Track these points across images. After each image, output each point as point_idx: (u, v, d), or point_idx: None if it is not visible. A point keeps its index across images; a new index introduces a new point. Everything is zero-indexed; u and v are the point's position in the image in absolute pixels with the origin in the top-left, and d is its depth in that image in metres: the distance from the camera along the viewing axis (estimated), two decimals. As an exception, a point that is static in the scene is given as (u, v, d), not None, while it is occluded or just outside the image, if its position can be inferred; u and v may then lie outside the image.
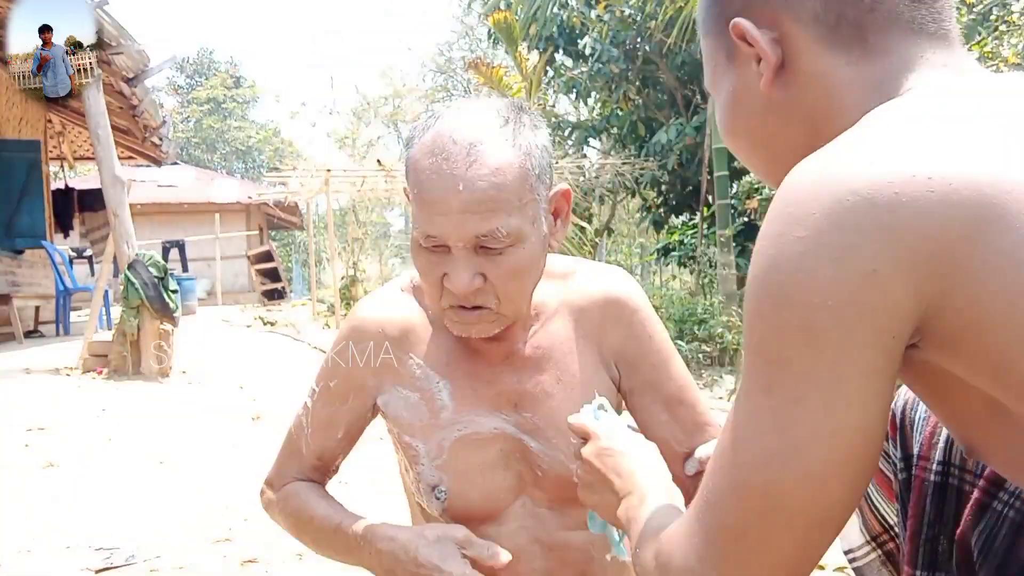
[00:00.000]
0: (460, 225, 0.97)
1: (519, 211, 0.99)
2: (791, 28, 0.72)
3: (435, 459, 1.13)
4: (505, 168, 0.98)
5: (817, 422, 0.59)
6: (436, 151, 0.98)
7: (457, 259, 0.99)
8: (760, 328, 0.62)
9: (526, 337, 1.14)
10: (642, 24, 9.94)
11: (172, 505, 3.03)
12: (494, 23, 8.18)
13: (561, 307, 1.16)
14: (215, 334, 9.69)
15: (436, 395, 1.14)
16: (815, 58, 0.72)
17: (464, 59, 18.05)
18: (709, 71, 0.83)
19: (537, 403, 1.13)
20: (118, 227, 6.16)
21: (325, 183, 11.49)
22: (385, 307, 1.18)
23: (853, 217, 0.57)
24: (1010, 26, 4.45)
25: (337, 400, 1.18)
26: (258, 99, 36.39)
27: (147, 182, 18.06)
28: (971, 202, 0.55)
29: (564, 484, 1.11)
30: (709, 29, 0.81)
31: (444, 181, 0.97)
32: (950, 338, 0.59)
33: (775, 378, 0.61)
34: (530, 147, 1.01)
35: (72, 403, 5.01)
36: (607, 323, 1.16)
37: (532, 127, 1.04)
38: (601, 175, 11.15)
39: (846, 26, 0.70)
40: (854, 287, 0.57)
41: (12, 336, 8.26)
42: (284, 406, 4.78)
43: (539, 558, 1.13)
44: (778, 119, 0.76)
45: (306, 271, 20.20)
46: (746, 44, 0.74)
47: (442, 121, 1.01)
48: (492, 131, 1.00)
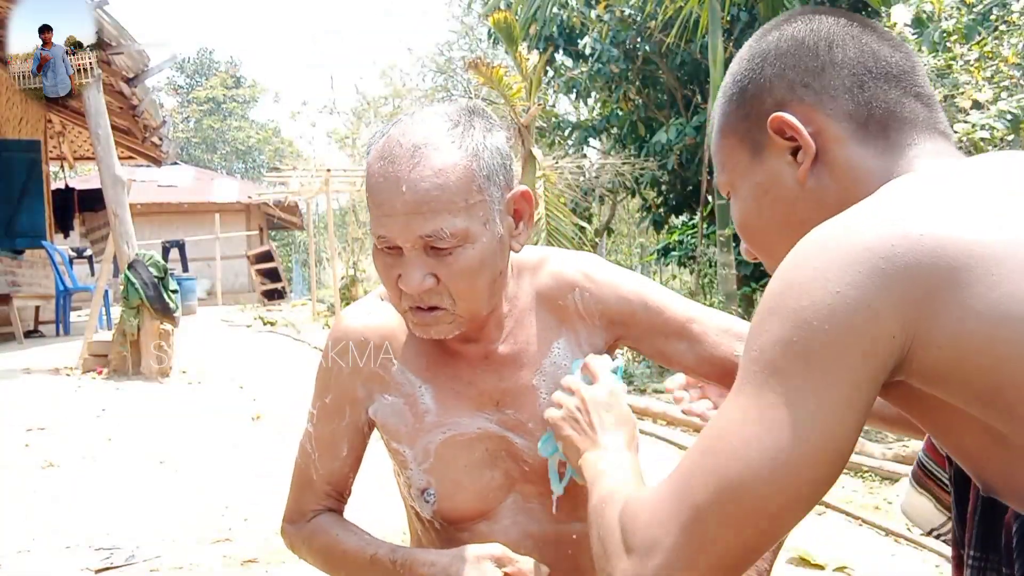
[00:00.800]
0: (405, 225, 0.99)
1: (465, 212, 1.01)
2: (825, 123, 0.82)
3: (422, 463, 1.15)
4: (448, 169, 1.00)
5: (800, 426, 0.68)
6: (384, 155, 1.02)
7: (408, 260, 1.02)
8: (763, 338, 0.70)
9: (502, 335, 1.15)
10: (642, 24, 9.94)
11: (172, 505, 3.03)
12: (494, 23, 8.16)
13: (534, 299, 1.17)
14: (215, 334, 9.70)
15: (419, 399, 1.15)
16: (847, 151, 0.82)
17: (464, 59, 18.03)
18: (728, 169, 0.91)
19: (518, 400, 1.14)
20: (118, 227, 6.16)
21: (325, 183, 11.50)
22: (365, 316, 1.20)
23: (858, 263, 0.68)
24: (1010, 26, 4.45)
25: (335, 416, 1.19)
26: (258, 99, 36.40)
27: (147, 182, 18.07)
28: (952, 254, 0.66)
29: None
30: (733, 129, 0.89)
31: (389, 183, 1.00)
32: (937, 369, 0.68)
33: (768, 383, 0.69)
34: (478, 149, 1.03)
35: (72, 403, 5.01)
36: (583, 305, 1.17)
37: (484, 129, 1.05)
38: (601, 175, 11.15)
39: (873, 124, 0.82)
40: (852, 317, 0.67)
41: (12, 336, 8.26)
42: (284, 406, 4.78)
43: (532, 552, 1.14)
44: (809, 206, 0.84)
45: (306, 271, 20.22)
46: (781, 138, 0.84)
47: (395, 127, 1.05)
48: (439, 134, 1.02)
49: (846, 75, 0.83)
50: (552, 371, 1.15)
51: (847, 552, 2.86)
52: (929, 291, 0.66)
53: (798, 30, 0.86)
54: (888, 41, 0.86)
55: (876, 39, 0.85)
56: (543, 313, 1.17)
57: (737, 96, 0.89)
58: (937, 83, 4.47)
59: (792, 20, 0.88)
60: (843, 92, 0.82)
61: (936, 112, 0.85)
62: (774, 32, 0.88)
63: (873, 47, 0.84)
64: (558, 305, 1.17)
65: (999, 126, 3.88)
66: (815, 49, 0.84)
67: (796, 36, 0.86)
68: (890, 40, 0.86)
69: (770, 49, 0.87)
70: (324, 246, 19.16)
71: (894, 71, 0.83)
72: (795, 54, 0.85)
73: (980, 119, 3.91)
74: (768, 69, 0.86)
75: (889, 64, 0.83)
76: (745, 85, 0.88)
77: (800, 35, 0.86)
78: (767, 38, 0.88)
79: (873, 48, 0.84)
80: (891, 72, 0.83)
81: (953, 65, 4.42)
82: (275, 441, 4.07)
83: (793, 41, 0.86)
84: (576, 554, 1.17)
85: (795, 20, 0.88)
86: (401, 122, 1.06)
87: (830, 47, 0.84)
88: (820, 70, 0.83)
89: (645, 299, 1.16)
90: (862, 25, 0.87)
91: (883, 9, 7.06)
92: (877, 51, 0.84)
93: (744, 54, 0.91)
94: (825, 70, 0.83)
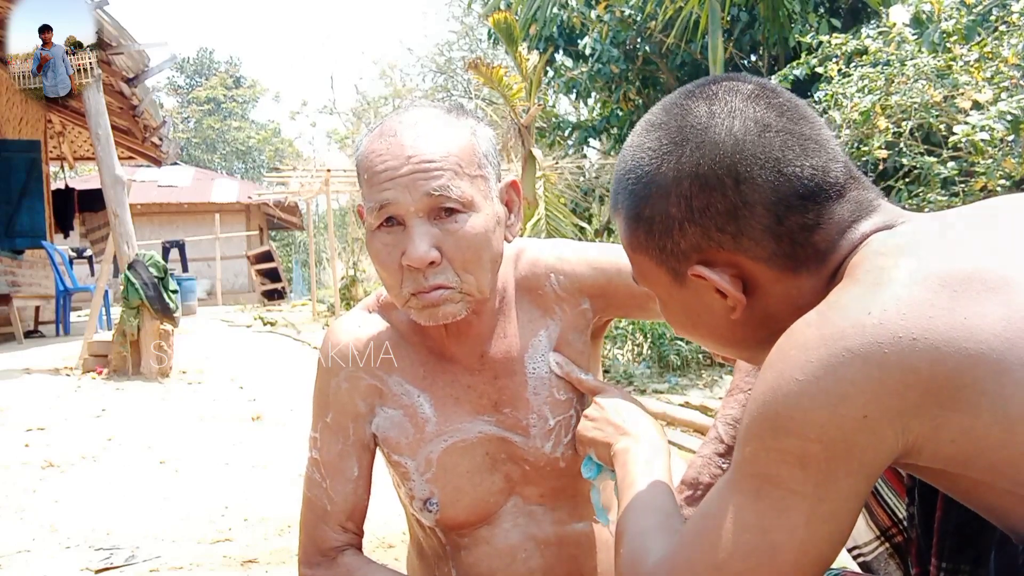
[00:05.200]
0: (411, 186, 0.98)
1: (469, 180, 1.01)
2: (751, 266, 0.78)
3: (424, 473, 1.12)
4: (452, 137, 1.02)
5: (795, 530, 0.68)
6: (384, 133, 1.03)
7: (412, 229, 0.99)
8: (755, 444, 0.69)
9: (493, 331, 1.13)
10: (642, 24, 9.94)
11: (172, 505, 3.03)
12: (494, 23, 8.16)
13: (516, 290, 1.16)
14: (215, 334, 9.69)
15: (419, 409, 1.12)
16: (780, 284, 0.78)
17: (464, 59, 18.04)
18: (647, 279, 0.86)
19: (515, 397, 1.13)
20: (118, 227, 6.16)
21: (325, 183, 11.49)
22: (356, 329, 1.16)
23: (847, 371, 0.65)
24: (1010, 26, 4.44)
25: (340, 435, 1.15)
26: (258, 99, 36.39)
27: (147, 182, 18.07)
28: (954, 366, 0.63)
29: (552, 474, 1.12)
30: (645, 249, 0.83)
31: (393, 151, 1.00)
32: (954, 457, 0.67)
33: (764, 488, 0.69)
34: (475, 128, 1.06)
35: (72, 403, 5.01)
36: (561, 287, 1.16)
37: (476, 119, 1.08)
38: (601, 175, 11.15)
39: (800, 249, 0.77)
40: (846, 429, 0.65)
41: (12, 336, 8.26)
42: (284, 406, 4.78)
43: (534, 555, 1.13)
44: (744, 328, 0.81)
45: (306, 271, 20.21)
46: (703, 280, 0.79)
47: (387, 119, 1.06)
48: (436, 114, 1.05)
49: (761, 213, 0.76)
50: (537, 366, 1.13)
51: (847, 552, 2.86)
52: (929, 395, 0.64)
53: (696, 160, 0.77)
54: (797, 136, 0.77)
55: (782, 142, 0.76)
56: (525, 304, 1.16)
57: (644, 223, 0.81)
58: (937, 83, 4.46)
59: (684, 143, 0.78)
60: (761, 232, 0.76)
61: (860, 184, 0.79)
62: (669, 160, 0.78)
63: (781, 162, 0.76)
64: (539, 294, 1.16)
65: (999, 127, 3.88)
66: (722, 189, 0.76)
67: (698, 172, 0.77)
68: (798, 130, 0.77)
69: (669, 185, 0.78)
70: (324, 246, 19.15)
71: (809, 184, 0.76)
72: (701, 196, 0.76)
73: (980, 120, 3.90)
74: (673, 209, 0.78)
75: (802, 179, 0.76)
76: (650, 216, 0.80)
77: (702, 169, 0.76)
78: (663, 167, 0.79)
79: (781, 166, 0.76)
80: (806, 187, 0.76)
81: (953, 66, 4.41)
82: (275, 441, 4.07)
83: (695, 179, 0.77)
84: (578, 555, 1.16)
85: (686, 144, 0.78)
86: (394, 113, 1.07)
87: (737, 183, 0.75)
88: (732, 213, 0.76)
89: (618, 265, 1.14)
90: (762, 126, 0.77)
91: (882, 9, 7.07)
92: (787, 167, 0.76)
93: (638, 163, 0.81)
94: (738, 212, 0.76)
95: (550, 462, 1.12)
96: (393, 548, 2.44)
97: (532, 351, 1.13)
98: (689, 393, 6.29)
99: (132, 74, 7.04)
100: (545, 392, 1.11)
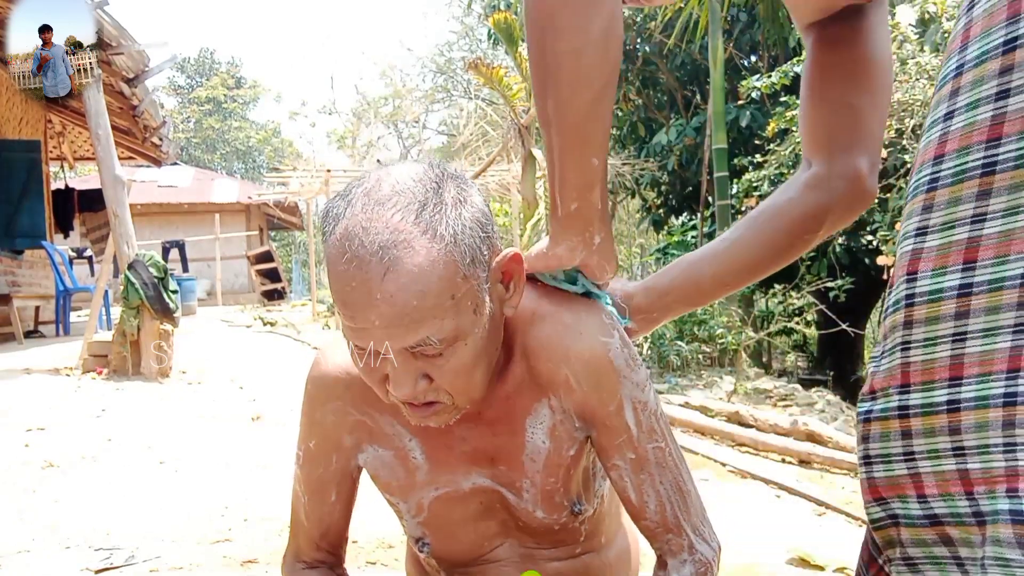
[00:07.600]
0: (385, 339, 0.86)
1: (452, 310, 0.86)
2: None
3: (416, 516, 1.09)
4: (427, 271, 0.84)
5: None
6: (348, 253, 0.84)
7: (395, 364, 0.89)
8: None
9: (495, 389, 1.03)
10: (641, 25, 9.94)
11: (172, 505, 3.03)
12: (494, 23, 8.16)
13: (522, 354, 1.03)
14: (215, 334, 9.69)
15: (410, 454, 1.07)
16: None
17: (464, 59, 18.04)
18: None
19: (512, 456, 1.05)
20: (118, 227, 6.16)
21: (325, 183, 11.49)
22: (345, 361, 1.06)
23: None
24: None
25: (321, 462, 1.10)
26: (258, 99, 36.40)
27: (147, 182, 18.07)
28: None
29: (547, 532, 1.09)
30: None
31: (359, 294, 0.84)
32: None
33: None
34: (455, 232, 0.86)
35: (72, 403, 5.01)
36: (573, 381, 1.01)
37: (457, 202, 0.88)
38: (601, 175, 11.12)
39: None
40: None
41: (12, 336, 8.26)
42: (284, 406, 4.78)
43: None
44: None
45: (306, 271, 20.20)
46: None
47: (352, 209, 0.86)
48: (407, 226, 0.84)
49: None
50: (535, 431, 1.04)
51: (847, 553, 2.86)
52: None
53: None
54: None
55: None
56: (529, 368, 1.03)
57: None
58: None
59: None
60: None
61: None
62: None
63: None
64: (548, 368, 1.02)
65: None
66: None
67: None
68: None
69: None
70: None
71: None
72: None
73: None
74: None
75: None
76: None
77: None
78: None
79: None
80: None
81: (953, 66, 4.40)
82: (275, 441, 4.07)
83: None
84: None
85: None
86: (355, 203, 0.87)
87: None
88: None
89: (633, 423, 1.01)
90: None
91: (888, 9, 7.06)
92: None
93: None
94: None
95: (543, 524, 1.08)
96: (393, 548, 2.44)
97: (534, 415, 1.03)
98: (689, 393, 6.29)
99: (132, 74, 7.04)
100: (541, 460, 1.04)
